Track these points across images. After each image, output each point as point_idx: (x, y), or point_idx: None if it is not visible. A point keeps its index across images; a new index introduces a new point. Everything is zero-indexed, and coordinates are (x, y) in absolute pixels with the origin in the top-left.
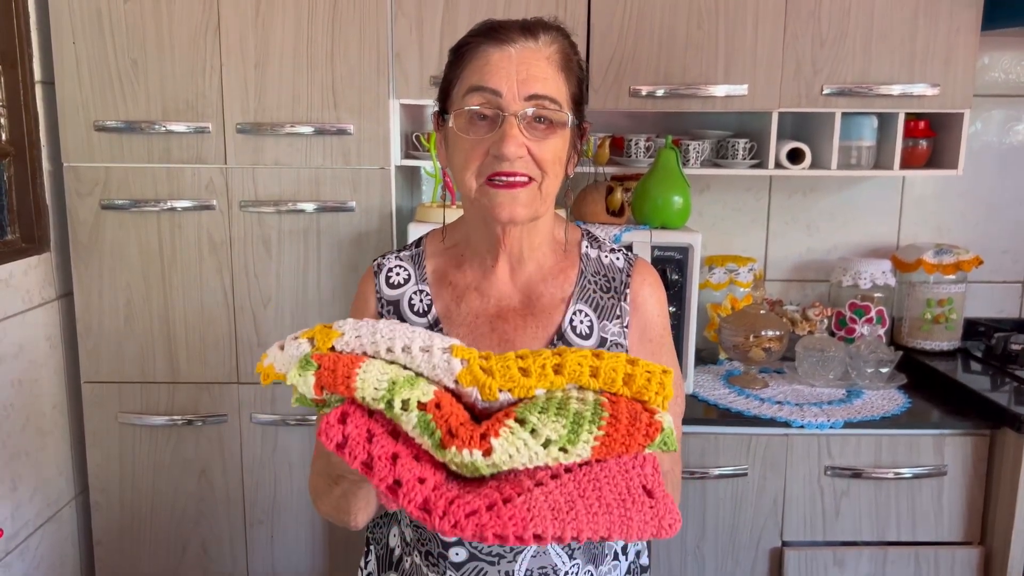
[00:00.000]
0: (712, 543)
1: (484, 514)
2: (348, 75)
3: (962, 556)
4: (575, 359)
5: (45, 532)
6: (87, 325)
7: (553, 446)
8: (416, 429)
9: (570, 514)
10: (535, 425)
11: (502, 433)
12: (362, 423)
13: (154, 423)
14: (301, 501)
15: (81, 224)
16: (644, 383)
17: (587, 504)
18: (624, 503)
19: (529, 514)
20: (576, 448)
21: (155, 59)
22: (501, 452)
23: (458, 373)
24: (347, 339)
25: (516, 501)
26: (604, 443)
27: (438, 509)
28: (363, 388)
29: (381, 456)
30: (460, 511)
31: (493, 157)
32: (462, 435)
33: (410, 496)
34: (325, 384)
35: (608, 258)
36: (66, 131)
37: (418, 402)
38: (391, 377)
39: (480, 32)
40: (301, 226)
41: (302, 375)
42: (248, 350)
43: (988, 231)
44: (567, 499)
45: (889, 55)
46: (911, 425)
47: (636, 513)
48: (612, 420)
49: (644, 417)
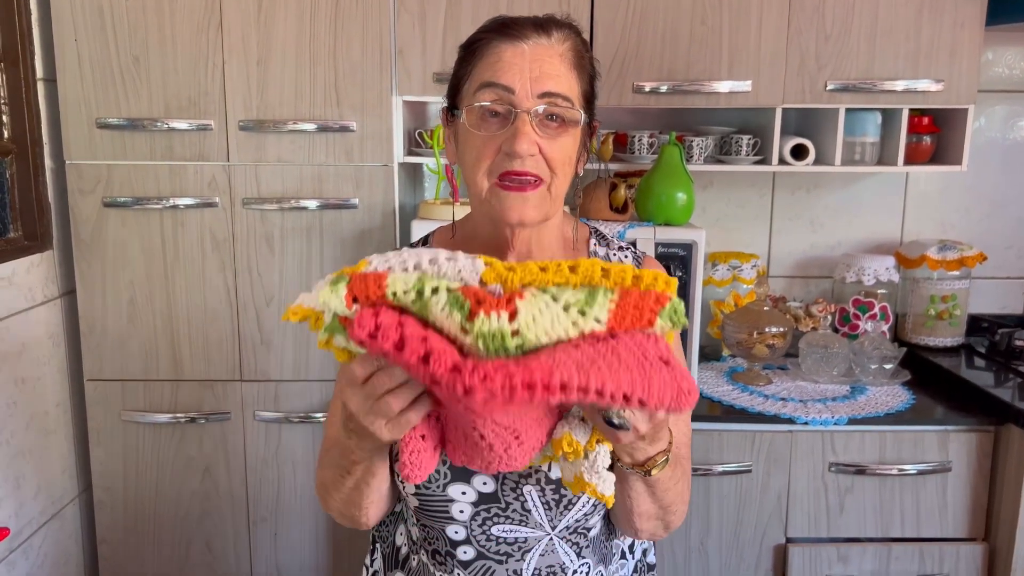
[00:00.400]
0: (716, 539)
1: (511, 365)
2: (350, 72)
3: (966, 552)
4: (588, 263)
5: (49, 530)
6: (90, 323)
7: (572, 308)
8: (445, 308)
9: (593, 367)
10: (554, 293)
11: (526, 295)
12: (393, 315)
13: (157, 421)
14: (305, 499)
15: (83, 222)
16: (651, 281)
17: (608, 363)
18: (643, 365)
19: (554, 362)
20: (593, 310)
21: (157, 56)
22: (525, 313)
23: (482, 272)
24: (375, 265)
25: (541, 355)
26: (619, 306)
27: (467, 366)
28: (393, 284)
29: (412, 336)
30: (488, 365)
31: (505, 155)
32: (489, 300)
33: (441, 360)
34: (357, 292)
35: (616, 256)
36: (68, 129)
37: (447, 288)
38: (419, 276)
39: (492, 28)
40: (304, 223)
41: (334, 288)
42: (251, 348)
43: (992, 227)
44: (589, 358)
45: (893, 50)
46: (915, 421)
47: (655, 375)
48: (624, 292)
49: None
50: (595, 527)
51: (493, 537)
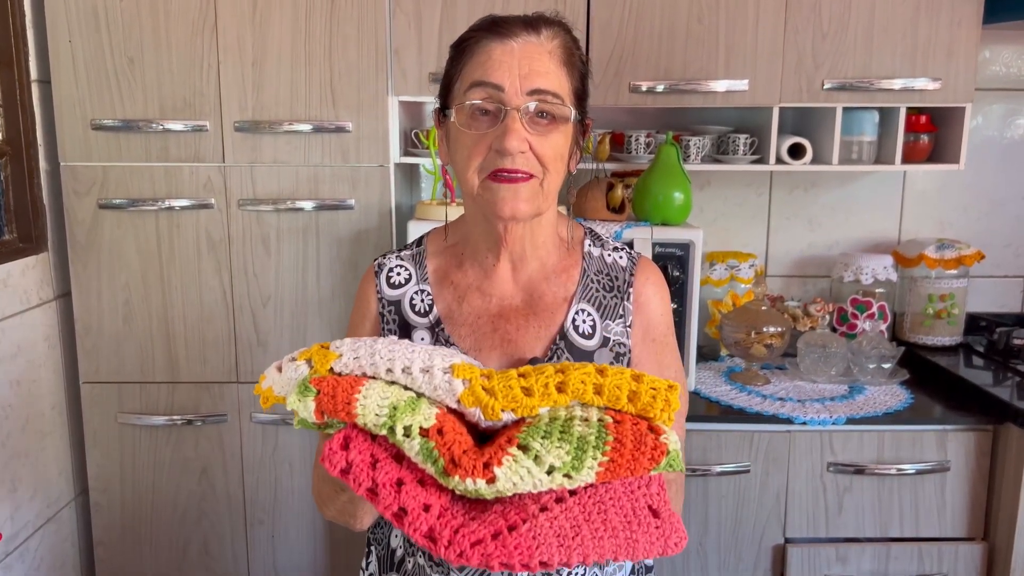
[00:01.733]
0: (715, 540)
1: (489, 543)
2: (346, 72)
3: (965, 552)
4: (578, 376)
5: (45, 533)
6: (86, 325)
7: (557, 473)
8: (419, 456)
9: (576, 540)
10: (538, 452)
11: (505, 462)
12: (365, 448)
13: (154, 423)
14: (302, 501)
15: (79, 224)
16: (649, 400)
17: (592, 529)
18: (630, 525)
19: (535, 542)
20: (580, 474)
21: (152, 57)
22: (504, 480)
23: (460, 394)
24: (345, 360)
25: (521, 529)
26: (609, 468)
27: (443, 539)
28: (364, 415)
29: (385, 483)
30: (465, 540)
31: (495, 152)
32: (464, 464)
33: (415, 525)
34: (326, 410)
35: (611, 257)
36: (63, 130)
37: (420, 427)
38: (392, 402)
39: (482, 27)
40: (300, 224)
41: (302, 400)
42: (248, 349)
43: (990, 225)
44: (572, 524)
45: (890, 49)
46: (914, 421)
47: (642, 535)
48: (617, 444)
49: (649, 440)
50: None
51: None
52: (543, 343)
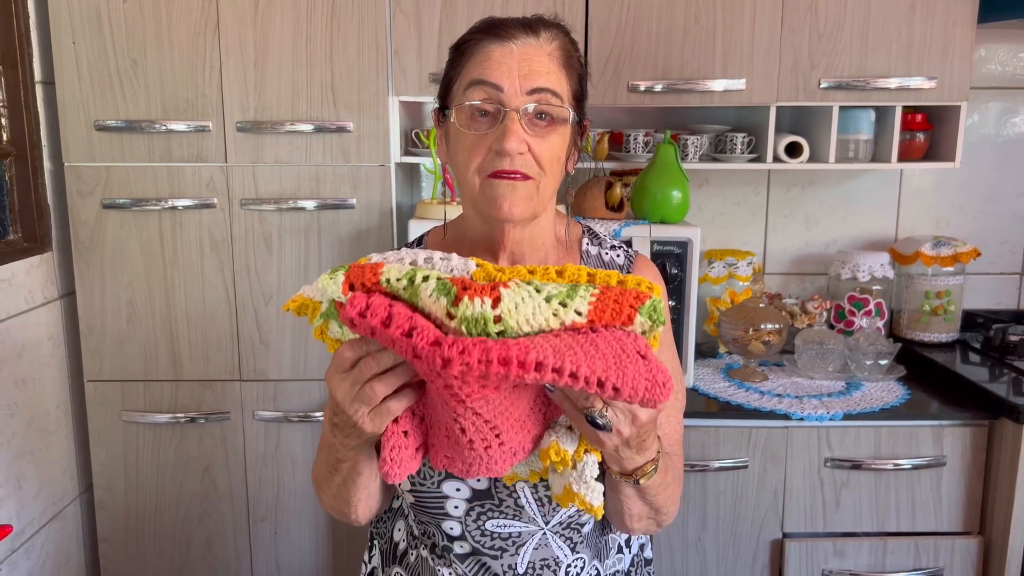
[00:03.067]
0: (713, 535)
1: (489, 342)
2: (347, 73)
3: (961, 546)
4: (574, 268)
5: (50, 530)
6: (89, 324)
7: (554, 299)
8: (433, 295)
9: (570, 352)
10: (537, 285)
11: (509, 285)
12: (384, 298)
13: (157, 421)
14: (304, 498)
15: (82, 223)
16: (634, 285)
17: (585, 350)
18: (620, 357)
19: (532, 344)
20: (574, 302)
21: (155, 58)
22: (508, 301)
23: (473, 271)
24: (376, 259)
25: (520, 339)
26: (599, 299)
27: (448, 340)
28: (387, 272)
29: (399, 314)
30: (468, 340)
31: (495, 153)
32: (474, 287)
33: (423, 334)
34: (353, 279)
35: (608, 255)
36: (67, 131)
37: (437, 276)
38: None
39: (481, 29)
40: (302, 224)
41: (332, 276)
42: (250, 348)
43: (986, 223)
44: (567, 344)
45: (886, 48)
46: (910, 416)
47: (631, 366)
48: (604, 288)
49: (633, 290)
50: (588, 523)
51: (488, 532)
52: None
